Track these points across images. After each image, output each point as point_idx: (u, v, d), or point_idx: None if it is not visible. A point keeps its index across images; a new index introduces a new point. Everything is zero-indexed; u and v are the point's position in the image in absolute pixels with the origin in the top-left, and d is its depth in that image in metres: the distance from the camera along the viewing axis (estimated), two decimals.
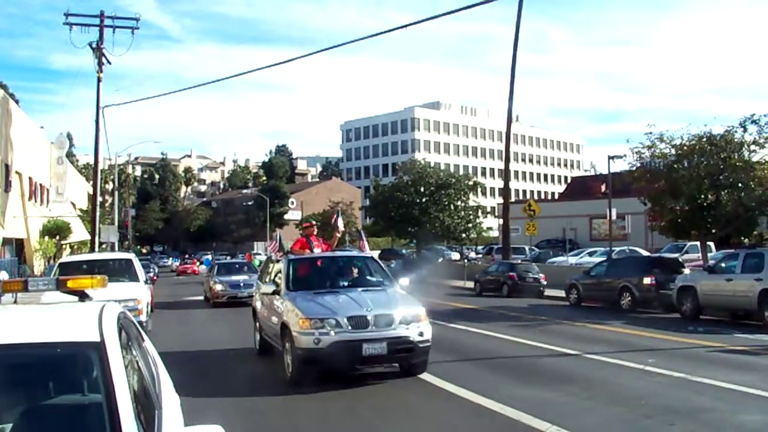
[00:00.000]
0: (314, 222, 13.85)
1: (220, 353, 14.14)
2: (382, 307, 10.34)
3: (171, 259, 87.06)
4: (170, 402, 4.29)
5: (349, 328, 9.95)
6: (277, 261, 12.73)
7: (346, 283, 11.62)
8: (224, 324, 19.79)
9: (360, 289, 11.16)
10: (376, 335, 9.99)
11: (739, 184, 23.37)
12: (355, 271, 12.25)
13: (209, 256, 65.46)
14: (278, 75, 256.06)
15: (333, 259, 12.68)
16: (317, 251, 12.78)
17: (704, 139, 24.03)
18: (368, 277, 12.07)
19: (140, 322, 12.98)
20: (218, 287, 25.96)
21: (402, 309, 10.44)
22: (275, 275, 12.60)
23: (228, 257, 63.57)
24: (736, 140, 23.75)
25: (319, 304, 10.36)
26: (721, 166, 23.59)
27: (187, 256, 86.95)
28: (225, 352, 14.25)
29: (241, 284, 25.69)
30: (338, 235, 13.81)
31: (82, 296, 4.48)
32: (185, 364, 10.55)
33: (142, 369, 3.93)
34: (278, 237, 12.95)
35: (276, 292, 11.59)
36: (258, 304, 13.52)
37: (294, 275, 11.61)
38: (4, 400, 3.45)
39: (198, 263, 66.78)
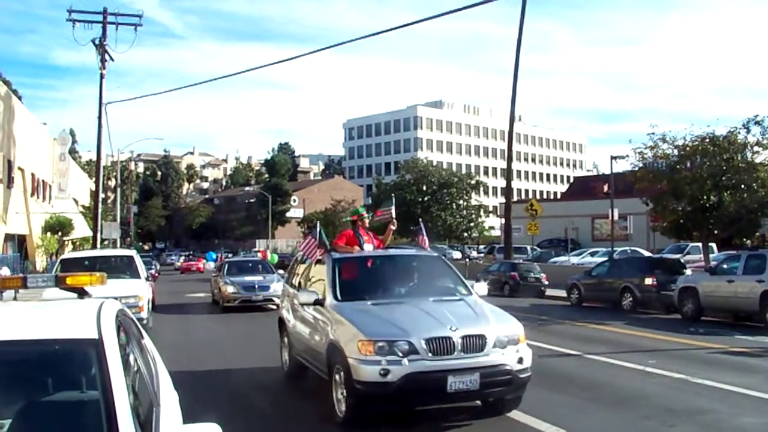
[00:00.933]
0: (364, 213, 10.83)
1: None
2: (469, 324, 7.71)
3: (181, 256, 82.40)
4: (169, 399, 4.29)
5: (429, 354, 7.34)
6: (320, 261, 9.79)
7: (408, 290, 9.11)
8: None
9: (431, 298, 8.55)
10: (465, 363, 7.41)
11: (742, 186, 23.36)
12: (417, 274, 9.68)
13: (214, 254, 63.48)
14: (281, 73, 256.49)
15: (390, 258, 9.98)
16: (368, 248, 10.01)
17: (707, 140, 24.02)
18: (436, 283, 9.45)
19: (140, 319, 13.03)
20: (229, 289, 23.15)
21: (495, 327, 7.82)
22: (311, 279, 10.06)
23: (230, 255, 63.10)
24: (739, 141, 23.73)
25: (385, 321, 7.79)
26: (724, 167, 23.56)
27: (191, 253, 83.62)
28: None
29: (256, 286, 23.08)
30: (393, 228, 10.88)
31: (81, 293, 4.49)
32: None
33: (141, 366, 3.93)
34: (318, 231, 10.05)
35: (319, 303, 8.83)
36: (288, 316, 10.84)
37: (342, 279, 8.98)
38: (2, 397, 3.46)
39: (204, 260, 64.52)
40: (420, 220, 12.46)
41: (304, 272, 10.72)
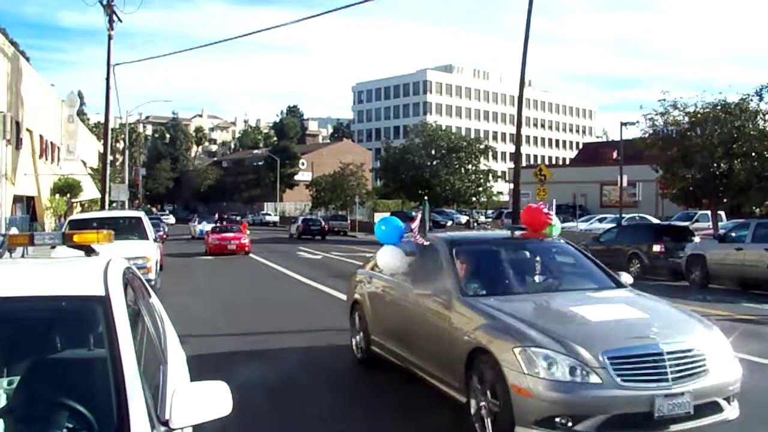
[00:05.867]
0: None
1: None
2: None
3: (198, 218, 59.18)
4: (176, 358, 4.31)
5: None
6: None
7: None
8: None
9: None
10: None
11: (753, 154, 23.16)
12: None
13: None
14: (290, 36, 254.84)
15: None
16: None
17: (719, 107, 23.81)
18: None
19: (149, 280, 13.11)
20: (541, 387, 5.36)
21: None
22: None
23: (238, 217, 60.52)
24: (751, 109, 23.54)
25: None
26: (735, 135, 23.37)
27: (224, 217, 56.88)
28: None
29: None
30: None
31: (89, 251, 4.49)
32: None
33: (148, 324, 3.92)
34: None
35: None
36: None
37: None
38: (10, 353, 3.47)
39: (248, 230, 38.08)
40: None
41: None
